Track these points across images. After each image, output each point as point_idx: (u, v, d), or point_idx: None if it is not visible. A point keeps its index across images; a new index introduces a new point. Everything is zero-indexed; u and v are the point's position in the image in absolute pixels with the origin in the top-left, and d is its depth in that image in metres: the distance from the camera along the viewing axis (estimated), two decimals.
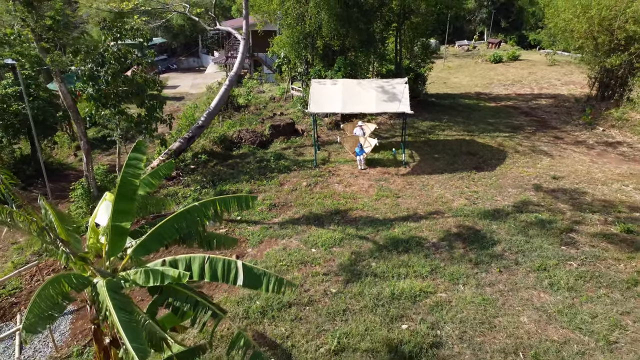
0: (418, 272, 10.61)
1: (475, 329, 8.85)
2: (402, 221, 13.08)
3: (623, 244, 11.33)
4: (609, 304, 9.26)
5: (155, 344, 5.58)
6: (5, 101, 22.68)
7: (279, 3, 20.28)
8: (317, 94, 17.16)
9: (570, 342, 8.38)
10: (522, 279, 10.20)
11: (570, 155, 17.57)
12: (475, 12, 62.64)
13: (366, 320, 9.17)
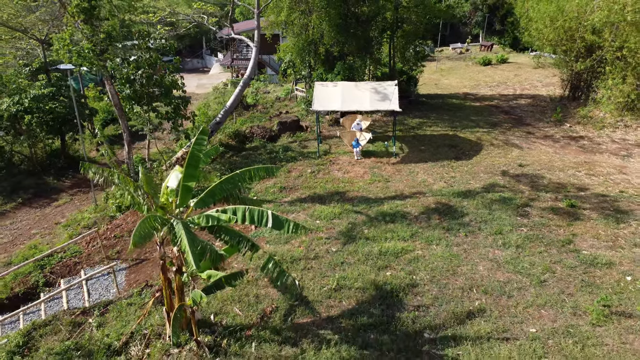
0: (401, 236, 13.29)
1: (442, 274, 11.53)
2: (390, 200, 15.76)
3: (566, 215, 14.01)
4: (545, 257, 11.95)
5: (213, 259, 8.28)
6: (40, 100, 25.30)
7: (287, 15, 22.98)
8: (320, 94, 19.87)
9: (512, 281, 11.07)
10: (482, 241, 12.88)
11: (538, 147, 20.26)
12: (471, 15, 65.26)
13: (359, 269, 11.85)
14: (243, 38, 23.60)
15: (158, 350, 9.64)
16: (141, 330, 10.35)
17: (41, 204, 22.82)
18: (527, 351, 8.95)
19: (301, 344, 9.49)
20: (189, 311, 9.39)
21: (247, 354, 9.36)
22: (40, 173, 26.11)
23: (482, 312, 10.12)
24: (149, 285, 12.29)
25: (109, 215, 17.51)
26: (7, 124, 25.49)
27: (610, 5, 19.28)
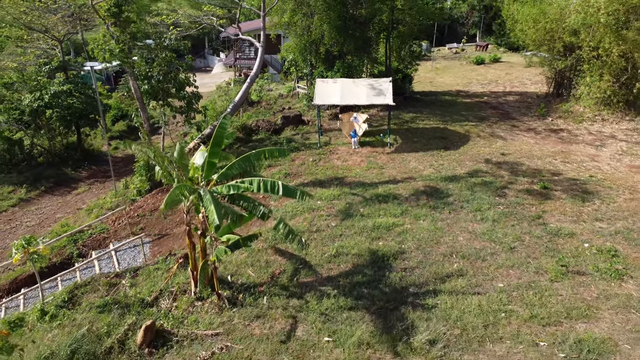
0: (392, 213, 15.03)
1: (427, 243, 13.26)
2: (384, 184, 17.51)
3: (538, 195, 15.76)
4: (517, 229, 13.70)
5: (234, 220, 10.03)
6: (59, 96, 27.00)
7: (290, 17, 24.70)
8: (321, 90, 21.61)
9: (486, 248, 12.81)
10: (463, 216, 14.63)
11: (520, 138, 22.00)
12: (468, 16, 66.95)
13: (355, 239, 13.60)
14: (251, 39, 25.35)
15: (184, 303, 11.38)
16: (168, 288, 12.10)
17: (62, 192, 24.56)
18: (494, 300, 10.70)
19: (305, 297, 11.24)
20: (212, 267, 11.14)
21: (260, 305, 11.11)
22: (59, 164, 27.82)
23: (459, 272, 11.86)
24: (172, 254, 14.04)
25: (129, 198, 19.28)
26: (28, 119, 27.23)
27: (586, 8, 21.03)
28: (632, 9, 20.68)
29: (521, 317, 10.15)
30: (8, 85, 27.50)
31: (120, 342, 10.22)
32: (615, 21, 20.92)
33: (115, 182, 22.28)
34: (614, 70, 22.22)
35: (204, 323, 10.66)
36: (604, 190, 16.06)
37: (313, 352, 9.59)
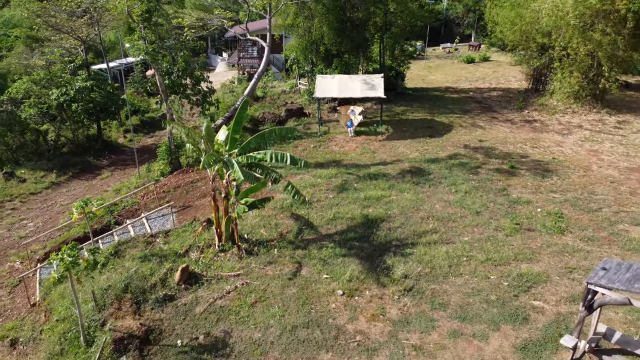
0: (381, 187, 17.66)
1: (409, 210, 15.91)
2: (375, 165, 20.15)
3: (506, 173, 18.42)
4: (484, 198, 16.35)
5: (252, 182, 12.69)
6: (82, 92, 29.59)
7: (292, 19, 27.32)
8: (320, 84, 24.24)
9: (457, 213, 15.46)
10: (440, 190, 17.28)
11: (498, 128, 24.65)
12: (464, 16, 69.48)
13: (349, 207, 16.24)
14: (258, 39, 27.94)
15: (210, 254, 14.04)
16: (196, 244, 14.75)
17: (88, 177, 27.19)
18: (459, 249, 13.35)
19: (308, 248, 13.89)
20: (233, 224, 13.81)
21: (271, 254, 13.76)
22: (82, 153, 30.43)
23: (434, 230, 14.52)
24: (197, 220, 16.68)
25: (153, 179, 21.92)
26: (55, 112, 29.86)
27: (556, 12, 23.63)
28: (597, 12, 23.25)
29: (479, 259, 12.81)
30: (36, 81, 30.11)
31: (162, 280, 12.87)
32: (582, 23, 23.54)
33: (138, 167, 24.92)
34: (582, 68, 24.82)
35: (227, 267, 13.32)
36: (562, 169, 18.72)
37: (314, 285, 12.25)
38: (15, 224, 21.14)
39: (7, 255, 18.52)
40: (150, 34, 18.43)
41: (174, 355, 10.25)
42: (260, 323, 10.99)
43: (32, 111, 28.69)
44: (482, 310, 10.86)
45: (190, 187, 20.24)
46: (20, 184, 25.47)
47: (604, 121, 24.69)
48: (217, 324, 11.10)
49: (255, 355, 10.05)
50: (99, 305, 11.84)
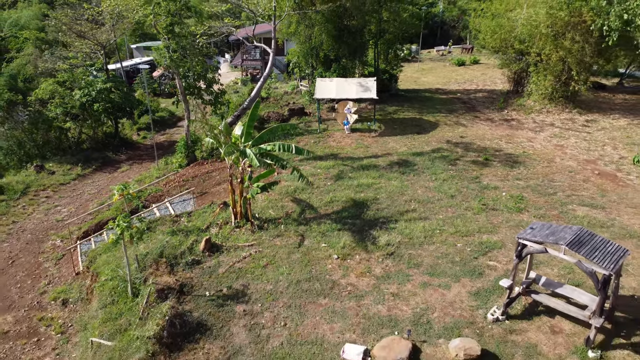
0: (372, 176, 20.40)
1: (394, 194, 18.65)
2: (368, 158, 22.90)
3: (480, 164, 21.18)
4: (459, 185, 19.11)
5: (265, 167, 15.46)
6: (102, 93, 32.30)
7: (295, 28, 30.09)
8: (320, 87, 27.00)
9: (435, 196, 18.22)
10: (423, 178, 20.03)
11: (478, 126, 27.42)
12: (459, 19, 72.16)
13: (344, 192, 18.98)
14: (264, 46, 30.66)
15: (227, 229, 16.79)
16: (215, 222, 17.50)
17: (109, 170, 29.93)
18: (434, 224, 16.11)
19: (309, 224, 16.64)
20: (248, 203, 16.58)
21: (279, 229, 16.50)
22: (102, 149, 33.17)
23: (414, 210, 17.28)
24: (214, 203, 19.43)
25: (172, 170, 24.68)
26: (77, 111, 32.58)
27: (530, 22, 26.41)
28: (566, 23, 26.00)
29: (449, 232, 15.59)
30: (61, 82, 32.85)
31: (189, 249, 15.62)
32: (554, 33, 26.31)
33: (157, 160, 27.70)
34: (554, 72, 27.57)
35: (242, 239, 16.08)
36: (529, 161, 21.50)
37: (314, 252, 15.01)
38: (50, 210, 23.91)
39: (48, 235, 21.31)
40: (174, 43, 21.16)
41: (204, 302, 13.00)
42: (272, 279, 13.75)
43: (57, 111, 31.42)
44: (447, 268, 13.63)
45: (206, 176, 23.01)
46: (50, 175, 28.20)
47: (574, 120, 27.46)
48: (236, 280, 13.86)
49: (269, 301, 12.81)
50: (140, 266, 14.59)
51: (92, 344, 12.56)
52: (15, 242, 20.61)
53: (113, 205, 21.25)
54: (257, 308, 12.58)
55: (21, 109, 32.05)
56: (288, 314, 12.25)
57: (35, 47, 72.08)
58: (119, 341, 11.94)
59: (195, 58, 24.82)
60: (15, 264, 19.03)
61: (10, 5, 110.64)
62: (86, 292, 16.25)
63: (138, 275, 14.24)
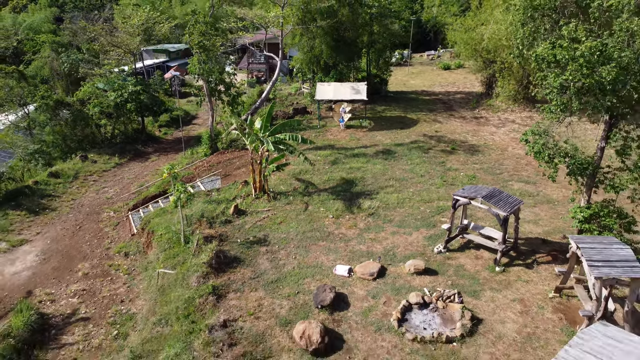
0: (361, 161, 25.54)
1: (377, 175, 23.78)
2: (359, 148, 28.02)
3: (448, 152, 26.32)
4: (428, 168, 24.24)
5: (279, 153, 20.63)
6: (133, 94, 37.36)
7: (299, 39, 35.22)
8: (320, 90, 32.10)
9: (408, 176, 23.37)
10: (401, 163, 25.17)
11: (452, 122, 32.55)
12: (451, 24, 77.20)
13: (338, 173, 24.11)
14: (272, 55, 35.77)
15: (249, 200, 21.91)
16: (239, 195, 22.64)
17: (141, 160, 35.02)
18: (405, 195, 21.23)
19: (311, 196, 21.76)
20: (265, 180, 21.73)
21: (288, 199, 21.62)
22: (132, 143, 38.24)
23: (392, 186, 22.40)
24: (236, 182, 24.55)
25: (199, 158, 29.81)
26: (111, 110, 37.65)
27: (494, 36, 31.51)
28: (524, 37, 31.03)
29: (416, 200, 20.72)
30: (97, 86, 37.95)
31: (222, 212, 20.74)
32: None
33: (184, 150, 32.84)
34: (516, 77, 32.69)
35: (261, 206, 21.20)
36: (487, 150, 26.64)
37: (315, 214, 20.13)
38: (100, 190, 29.05)
39: (102, 208, 26.43)
40: (204, 56, 26.30)
41: (237, 246, 18.13)
42: (284, 231, 18.90)
43: (95, 110, 36.50)
44: (411, 223, 18.77)
45: (228, 162, 28.16)
46: (93, 164, 33.32)
47: (532, 117, 32.57)
48: (259, 232, 19.00)
49: (283, 244, 17.94)
50: (188, 223, 19.73)
51: (158, 275, 17.68)
52: (77, 214, 25.77)
53: (154, 184, 26.40)
54: (275, 248, 17.73)
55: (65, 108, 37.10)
56: (297, 251, 17.40)
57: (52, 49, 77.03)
58: (179, 270, 17.09)
59: (218, 66, 29.94)
60: (82, 229, 24.18)
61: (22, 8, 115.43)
62: (143, 247, 21.43)
63: (187, 229, 19.39)
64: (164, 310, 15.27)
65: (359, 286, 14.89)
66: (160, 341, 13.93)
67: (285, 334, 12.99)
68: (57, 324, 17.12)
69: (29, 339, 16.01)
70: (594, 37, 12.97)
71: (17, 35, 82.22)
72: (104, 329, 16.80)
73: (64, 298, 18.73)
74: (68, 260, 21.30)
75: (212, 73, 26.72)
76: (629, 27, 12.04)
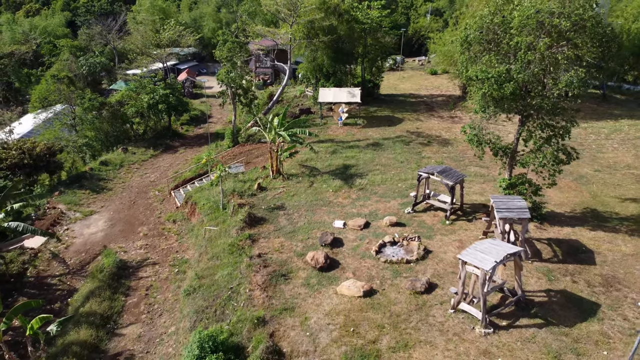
0: (355, 152, 31.85)
1: (367, 161, 30.10)
2: (353, 141, 34.38)
3: (425, 145, 32.68)
4: (407, 156, 30.57)
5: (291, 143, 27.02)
6: (163, 96, 43.65)
7: (304, 51, 41.56)
8: (322, 93, 38.45)
9: (392, 162, 29.69)
10: (386, 152, 31.51)
11: (431, 121, 38.89)
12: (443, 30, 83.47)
13: (337, 160, 30.45)
14: (282, 64, 42.09)
15: (268, 180, 28.27)
16: (260, 176, 29.01)
17: (171, 153, 41.33)
18: (388, 176, 27.56)
19: (315, 177, 28.13)
20: (280, 164, 28.11)
21: (298, 179, 27.98)
22: (161, 138, 44.56)
23: (378, 169, 28.73)
24: (257, 167, 30.89)
25: (223, 150, 36.15)
26: (144, 111, 43.94)
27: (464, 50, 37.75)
28: None
29: (395, 179, 27.07)
30: (133, 89, 44.25)
31: (248, 188, 27.11)
32: None
33: (209, 143, 39.18)
34: None
35: (277, 184, 27.55)
36: (456, 143, 32.97)
37: (319, 189, 26.49)
38: (143, 176, 35.40)
39: (148, 189, 32.76)
40: (231, 67, 32.63)
41: (262, 210, 24.44)
42: (296, 200, 25.23)
43: (132, 110, 42.81)
44: (390, 194, 25.10)
45: (248, 153, 34.53)
46: (133, 155, 39.65)
47: None
48: (277, 202, 25.33)
49: (296, 209, 24.27)
50: (224, 195, 26.09)
51: (205, 231, 24.04)
52: (130, 193, 32.13)
53: (190, 169, 32.78)
54: (290, 212, 24.09)
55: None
56: (306, 213, 23.75)
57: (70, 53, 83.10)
58: (221, 227, 23.46)
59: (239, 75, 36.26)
60: (135, 204, 30.53)
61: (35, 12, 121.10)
62: (187, 215, 27.80)
63: (224, 200, 25.75)
64: (214, 250, 21.64)
65: (351, 233, 21.27)
66: (214, 269, 20.28)
67: (300, 260, 19.35)
68: (133, 266, 23.50)
69: (116, 273, 22.37)
70: (506, 63, 19.31)
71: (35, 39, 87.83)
72: (167, 269, 23.18)
73: (133, 250, 25.12)
74: (130, 225, 27.69)
75: (234, 81, 33.04)
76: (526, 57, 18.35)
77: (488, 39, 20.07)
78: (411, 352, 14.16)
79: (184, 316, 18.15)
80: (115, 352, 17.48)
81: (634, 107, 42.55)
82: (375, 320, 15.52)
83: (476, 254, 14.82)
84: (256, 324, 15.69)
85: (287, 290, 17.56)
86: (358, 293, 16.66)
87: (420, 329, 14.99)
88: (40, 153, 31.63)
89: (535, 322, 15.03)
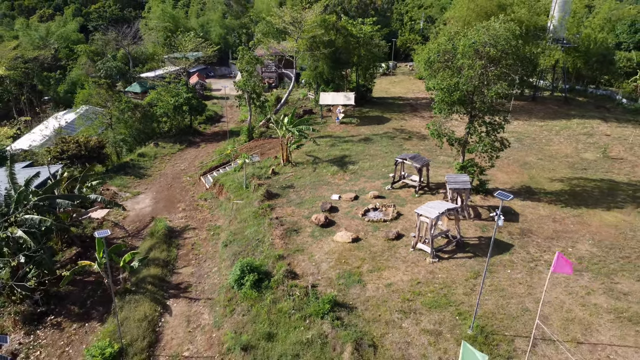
0: (349, 145, 38.79)
1: (359, 152, 37.10)
2: (349, 137, 41.31)
3: (407, 139, 39.61)
4: (391, 147, 37.53)
5: (298, 136, 34.05)
6: (187, 99, 50.54)
7: (307, 61, 48.56)
8: (322, 97, 45.42)
9: (378, 152, 36.68)
10: (375, 145, 38.45)
11: (413, 120, 45.84)
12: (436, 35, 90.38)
13: (335, 152, 37.40)
14: (287, 71, 49.01)
15: (279, 167, 35.28)
16: (273, 164, 36.01)
17: (194, 147, 48.26)
18: (375, 163, 34.57)
19: (318, 164, 35.13)
20: (289, 154, 35.13)
21: (304, 166, 34.99)
22: (184, 135, 51.49)
23: (367, 158, 35.72)
24: (269, 157, 37.85)
25: (240, 144, 43.13)
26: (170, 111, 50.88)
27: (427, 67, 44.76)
28: None
29: (380, 165, 34.03)
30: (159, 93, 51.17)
31: (264, 173, 34.12)
32: None
33: (228, 138, 46.16)
34: None
35: (287, 170, 34.52)
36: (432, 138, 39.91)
37: (321, 173, 33.47)
38: (174, 165, 42.37)
39: (180, 176, 39.73)
40: (248, 76, 39.58)
41: (276, 188, 31.40)
42: (302, 182, 32.20)
43: (160, 111, 49.74)
44: (375, 176, 32.05)
45: (261, 146, 41.54)
46: (163, 149, 46.60)
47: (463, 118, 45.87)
48: (288, 182, 32.31)
49: (303, 187, 31.23)
50: (246, 178, 33.08)
51: (233, 204, 31.03)
52: (166, 178, 39.12)
53: (214, 159, 39.80)
54: (298, 189, 31.07)
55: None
56: (310, 190, 30.72)
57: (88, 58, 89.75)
58: (246, 200, 30.46)
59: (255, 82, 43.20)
60: (172, 187, 37.51)
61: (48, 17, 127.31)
62: (215, 194, 34.80)
63: (246, 181, 32.75)
64: (242, 217, 28.63)
65: (344, 203, 28.25)
66: (243, 228, 27.25)
67: (307, 221, 26.33)
68: (178, 230, 30.46)
69: (167, 234, 29.33)
70: (455, 77, 26.27)
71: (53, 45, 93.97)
72: (204, 232, 30.16)
73: (176, 219, 32.08)
74: (170, 202, 34.68)
75: (252, 87, 40.02)
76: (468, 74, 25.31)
77: (443, 59, 26.96)
78: (382, 272, 21.15)
79: (224, 259, 25.14)
80: (177, 282, 24.44)
81: (590, 109, 49.67)
82: (359, 255, 22.52)
83: (427, 209, 21.83)
84: (277, 258, 22.66)
85: (298, 239, 24.56)
86: (348, 240, 23.64)
87: (389, 260, 22.00)
88: (93, 146, 38.60)
89: (467, 255, 22.04)
